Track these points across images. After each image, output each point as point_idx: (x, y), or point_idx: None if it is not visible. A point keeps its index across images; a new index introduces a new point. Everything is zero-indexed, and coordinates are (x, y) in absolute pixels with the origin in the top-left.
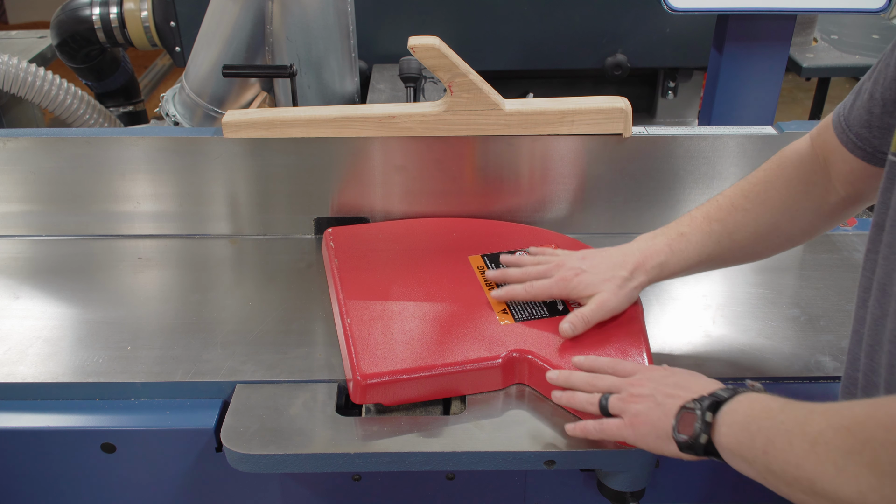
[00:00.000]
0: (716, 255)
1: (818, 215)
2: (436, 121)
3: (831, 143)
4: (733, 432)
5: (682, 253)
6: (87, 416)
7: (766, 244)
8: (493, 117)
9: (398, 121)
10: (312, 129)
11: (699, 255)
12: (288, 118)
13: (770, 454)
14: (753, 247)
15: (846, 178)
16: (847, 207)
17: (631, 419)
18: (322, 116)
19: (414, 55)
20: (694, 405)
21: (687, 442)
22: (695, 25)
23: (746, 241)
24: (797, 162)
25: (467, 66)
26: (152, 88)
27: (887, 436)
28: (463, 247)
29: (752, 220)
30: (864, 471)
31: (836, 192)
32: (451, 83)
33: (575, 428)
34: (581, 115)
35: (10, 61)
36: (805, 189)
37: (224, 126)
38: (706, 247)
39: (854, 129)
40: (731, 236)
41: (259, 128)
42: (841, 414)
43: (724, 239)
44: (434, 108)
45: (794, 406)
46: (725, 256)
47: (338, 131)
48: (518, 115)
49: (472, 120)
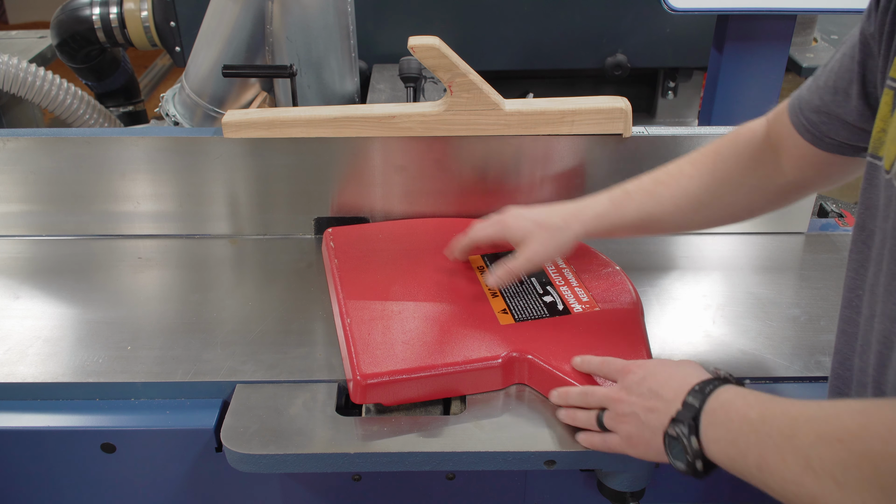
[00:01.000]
0: (656, 218)
1: (762, 194)
2: (436, 121)
3: (785, 125)
4: (723, 449)
5: (622, 208)
6: (87, 416)
7: (707, 214)
8: (493, 117)
9: (398, 121)
10: (312, 129)
11: (639, 213)
12: (288, 118)
13: (766, 471)
14: (694, 215)
15: (796, 163)
16: (794, 192)
17: (626, 440)
18: (322, 116)
19: (414, 55)
20: (678, 432)
21: (687, 472)
22: (695, 25)
23: (688, 208)
24: (749, 139)
25: (467, 66)
26: (152, 88)
27: (885, 448)
28: None
29: (695, 188)
30: (866, 485)
31: (784, 175)
32: (451, 83)
33: (584, 440)
34: (581, 115)
35: (10, 61)
36: (753, 166)
37: (224, 126)
38: (647, 206)
39: (805, 114)
40: (673, 200)
41: (259, 128)
42: (829, 424)
43: (667, 202)
44: (434, 108)
45: (773, 414)
46: (666, 220)
47: (338, 131)
48: (518, 115)
49: (472, 120)
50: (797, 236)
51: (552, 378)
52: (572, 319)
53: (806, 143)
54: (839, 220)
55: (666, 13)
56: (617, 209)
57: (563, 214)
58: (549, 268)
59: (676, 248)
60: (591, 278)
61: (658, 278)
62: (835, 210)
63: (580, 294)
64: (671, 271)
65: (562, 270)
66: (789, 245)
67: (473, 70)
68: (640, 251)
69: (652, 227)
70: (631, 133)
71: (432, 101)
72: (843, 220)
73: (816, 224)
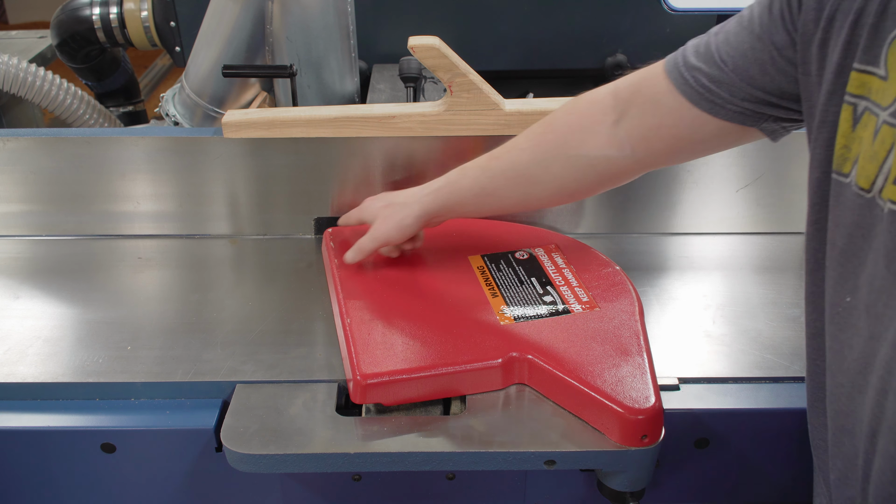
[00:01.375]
0: (490, 192)
1: (592, 169)
2: (436, 121)
3: (662, 92)
4: None
5: (457, 184)
6: (87, 416)
7: (541, 189)
8: (492, 117)
9: (398, 121)
10: (312, 129)
11: (472, 188)
12: (288, 118)
13: None
14: (528, 188)
15: (645, 134)
16: (627, 171)
17: None
18: (322, 116)
19: (414, 55)
20: None
21: None
22: (695, 25)
23: (519, 181)
24: (585, 109)
25: (467, 66)
26: (152, 88)
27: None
28: (463, 247)
29: (525, 160)
30: None
31: (622, 149)
32: (451, 83)
33: None
34: None
35: (10, 61)
36: (583, 138)
37: (224, 126)
38: (480, 181)
39: (698, 79)
40: (504, 174)
41: (259, 128)
42: None
43: (498, 176)
44: (434, 108)
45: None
46: (501, 195)
47: (338, 131)
48: (518, 115)
49: (472, 120)
50: (797, 236)
51: (552, 378)
52: (572, 319)
53: (696, 111)
54: None
55: (666, 13)
56: (452, 185)
57: (406, 194)
58: (548, 267)
59: (676, 248)
60: (591, 278)
61: (658, 278)
62: None
63: (580, 294)
64: (671, 271)
65: (562, 270)
66: (789, 245)
67: (473, 70)
68: (641, 251)
69: (490, 202)
70: None
71: (432, 101)
72: None
73: None
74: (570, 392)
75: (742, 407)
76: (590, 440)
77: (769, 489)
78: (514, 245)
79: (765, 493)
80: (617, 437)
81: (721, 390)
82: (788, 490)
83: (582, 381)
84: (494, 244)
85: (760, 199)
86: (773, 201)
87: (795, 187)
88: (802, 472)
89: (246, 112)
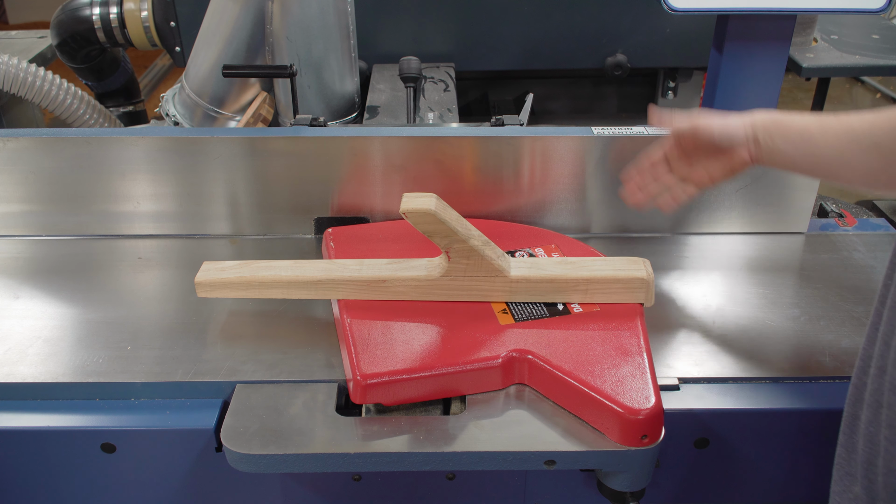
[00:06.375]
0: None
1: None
2: (430, 286)
3: None
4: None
5: (808, 130)
6: (87, 416)
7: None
8: (497, 284)
9: (389, 285)
10: (294, 291)
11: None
12: (267, 278)
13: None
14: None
15: None
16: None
17: None
18: (305, 278)
19: (407, 220)
20: None
21: None
22: (695, 25)
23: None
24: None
25: (468, 226)
26: (152, 88)
27: None
28: None
29: None
30: None
31: None
32: (449, 249)
33: None
34: (596, 284)
35: (10, 61)
36: None
37: (197, 286)
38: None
39: None
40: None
41: (235, 288)
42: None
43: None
44: (429, 271)
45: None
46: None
47: (321, 294)
48: (525, 283)
49: (473, 286)
50: (797, 236)
51: (552, 378)
52: (572, 319)
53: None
54: (839, 220)
55: (666, 13)
56: (804, 132)
57: None
58: None
59: (676, 248)
60: None
61: (658, 278)
62: (835, 210)
63: None
64: (671, 271)
65: None
66: (789, 245)
67: (477, 230)
68: (641, 251)
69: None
70: (653, 302)
71: (427, 261)
72: (843, 220)
73: (816, 224)
74: (569, 392)
75: (742, 407)
76: (590, 440)
77: (769, 489)
78: (514, 245)
79: (765, 493)
80: (617, 437)
81: (721, 390)
82: (788, 490)
83: (582, 381)
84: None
85: (760, 199)
86: (772, 201)
87: (795, 187)
88: (802, 472)
89: (222, 268)
